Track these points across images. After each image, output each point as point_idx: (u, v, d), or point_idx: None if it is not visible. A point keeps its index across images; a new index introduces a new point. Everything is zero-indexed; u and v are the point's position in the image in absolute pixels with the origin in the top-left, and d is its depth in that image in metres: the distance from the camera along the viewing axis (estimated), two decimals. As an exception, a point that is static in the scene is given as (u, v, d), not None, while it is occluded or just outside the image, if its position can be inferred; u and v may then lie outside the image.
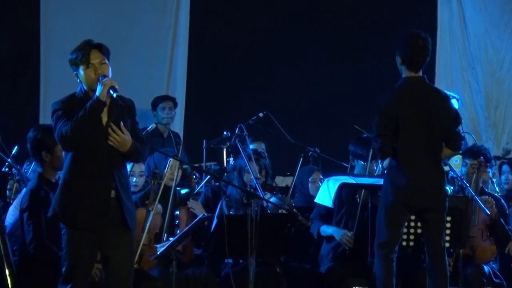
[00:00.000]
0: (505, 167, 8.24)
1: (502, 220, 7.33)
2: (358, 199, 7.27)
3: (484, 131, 10.57)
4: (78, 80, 5.38)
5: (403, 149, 6.25)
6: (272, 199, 7.42)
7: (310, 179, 8.02)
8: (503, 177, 8.23)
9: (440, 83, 9.94)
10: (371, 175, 7.45)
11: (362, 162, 7.52)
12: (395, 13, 10.81)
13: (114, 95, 5.21)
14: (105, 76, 5.27)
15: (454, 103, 9.25)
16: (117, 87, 5.22)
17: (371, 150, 7.36)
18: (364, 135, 7.69)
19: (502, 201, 7.68)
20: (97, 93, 5.22)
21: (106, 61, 5.35)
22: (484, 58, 10.93)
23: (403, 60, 6.35)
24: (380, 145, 6.27)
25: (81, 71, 5.33)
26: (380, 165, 7.42)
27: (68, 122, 5.22)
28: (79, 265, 5.27)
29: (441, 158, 6.36)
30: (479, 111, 10.92)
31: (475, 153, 7.52)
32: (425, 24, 8.73)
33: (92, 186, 5.27)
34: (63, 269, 5.28)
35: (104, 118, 5.31)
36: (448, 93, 9.31)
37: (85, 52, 5.30)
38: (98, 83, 5.25)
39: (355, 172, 7.60)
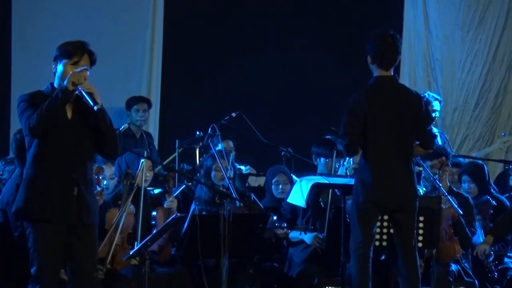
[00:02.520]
0: (465, 177, 8.14)
1: (463, 220, 7.35)
2: (321, 201, 7.28)
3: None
4: (54, 72, 5.39)
5: (373, 148, 6.21)
6: None
7: (273, 181, 7.91)
8: (464, 185, 8.16)
9: (403, 83, 9.91)
10: (334, 173, 7.46)
11: (324, 160, 7.55)
12: (362, 13, 10.83)
13: (95, 108, 5.21)
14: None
15: (436, 105, 9.30)
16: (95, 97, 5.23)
17: (335, 149, 7.38)
18: (327, 136, 7.70)
19: (470, 200, 7.71)
20: (65, 83, 5.22)
21: (88, 70, 5.37)
22: (446, 59, 10.94)
23: (373, 58, 6.30)
24: (347, 143, 6.22)
25: (62, 67, 5.35)
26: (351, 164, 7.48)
27: (34, 112, 5.22)
28: (48, 262, 5.24)
29: (412, 158, 6.34)
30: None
31: (436, 154, 7.49)
32: (391, 24, 8.72)
33: (55, 182, 5.28)
34: (33, 270, 5.25)
35: (69, 113, 5.32)
36: (431, 94, 9.38)
37: (78, 52, 5.34)
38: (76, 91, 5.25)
39: (318, 170, 7.59)
